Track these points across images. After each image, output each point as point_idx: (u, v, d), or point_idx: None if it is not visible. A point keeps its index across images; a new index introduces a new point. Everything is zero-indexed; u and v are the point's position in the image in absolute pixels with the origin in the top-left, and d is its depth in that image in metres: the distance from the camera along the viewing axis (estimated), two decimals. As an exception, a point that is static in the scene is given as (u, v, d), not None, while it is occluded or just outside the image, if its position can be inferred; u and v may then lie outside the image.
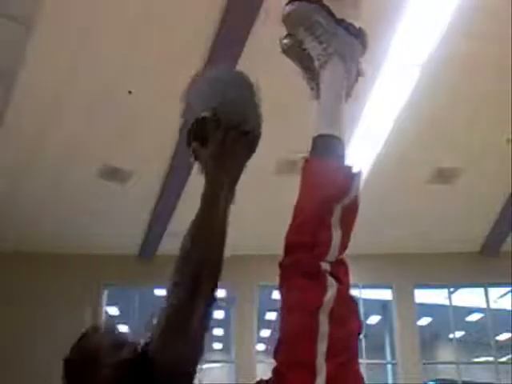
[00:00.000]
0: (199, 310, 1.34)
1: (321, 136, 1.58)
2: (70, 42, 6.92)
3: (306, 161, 1.57)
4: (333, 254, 1.44)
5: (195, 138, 1.47)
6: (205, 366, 11.68)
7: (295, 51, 1.76)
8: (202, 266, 1.34)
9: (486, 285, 11.28)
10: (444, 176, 9.41)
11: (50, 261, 10.35)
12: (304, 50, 1.73)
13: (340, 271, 1.45)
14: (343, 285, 1.42)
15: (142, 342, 1.40)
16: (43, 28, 6.44)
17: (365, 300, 11.36)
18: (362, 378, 1.41)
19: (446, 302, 11.56)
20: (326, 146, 1.57)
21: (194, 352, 1.36)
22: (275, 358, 1.40)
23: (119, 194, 9.35)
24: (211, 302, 1.39)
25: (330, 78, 1.66)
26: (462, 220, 10.13)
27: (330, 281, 1.39)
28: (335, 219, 1.47)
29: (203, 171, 1.45)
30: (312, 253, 1.42)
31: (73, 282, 10.28)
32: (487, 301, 11.32)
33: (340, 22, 1.68)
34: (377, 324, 13.43)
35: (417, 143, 8.64)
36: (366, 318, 12.27)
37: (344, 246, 1.50)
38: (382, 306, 12.53)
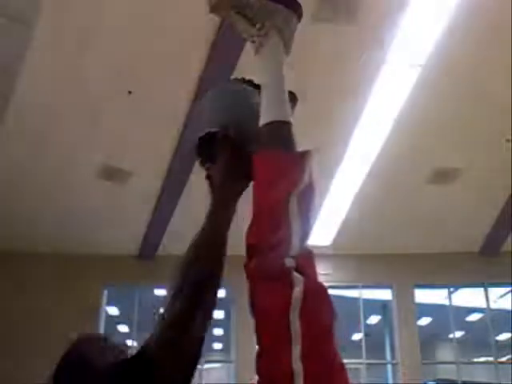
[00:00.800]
0: (198, 320, 1.37)
1: (266, 125, 1.51)
2: (70, 42, 6.92)
3: (255, 157, 1.50)
4: (296, 248, 1.37)
5: (204, 153, 1.53)
6: (205, 366, 11.67)
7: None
8: (203, 280, 1.39)
9: (485, 285, 11.28)
10: (444, 176, 9.41)
11: (50, 261, 10.35)
12: None
13: (305, 263, 1.38)
14: (309, 277, 1.36)
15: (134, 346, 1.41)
16: (43, 28, 6.44)
17: (365, 300, 11.36)
18: (344, 369, 1.37)
19: (446, 302, 11.57)
20: (273, 135, 1.51)
21: (191, 357, 1.39)
22: (256, 368, 1.37)
23: (119, 194, 9.35)
24: (210, 313, 1.43)
25: (267, 59, 1.58)
26: (461, 220, 10.13)
27: (296, 277, 1.33)
28: (293, 210, 1.40)
29: (211, 187, 1.53)
30: (274, 252, 1.37)
31: (73, 281, 10.29)
32: (487, 301, 11.32)
33: None
34: (377, 324, 13.45)
35: (417, 143, 8.64)
36: (366, 318, 12.28)
37: (306, 235, 1.42)
38: (382, 306, 12.53)
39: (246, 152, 1.49)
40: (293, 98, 1.70)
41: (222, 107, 1.56)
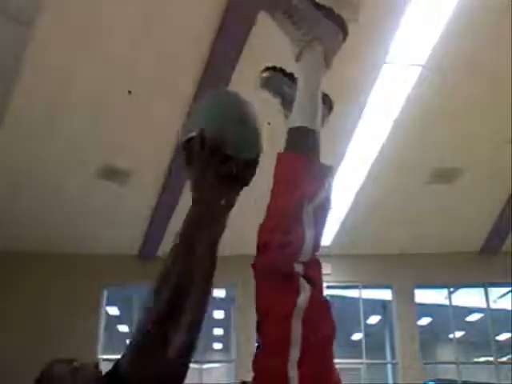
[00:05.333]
0: (175, 339, 1.27)
1: (295, 129, 1.54)
2: (70, 42, 6.92)
3: (279, 156, 1.53)
4: (306, 254, 1.39)
5: (186, 158, 1.43)
6: (205, 366, 11.68)
7: (273, 84, 1.78)
8: (180, 292, 1.29)
9: (485, 285, 11.28)
10: (444, 176, 9.40)
11: (50, 261, 10.35)
12: (282, 82, 1.74)
13: (313, 272, 1.40)
14: (316, 287, 1.38)
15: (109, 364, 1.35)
16: (43, 28, 6.44)
17: (365, 300, 11.36)
18: (339, 381, 1.38)
19: (446, 302, 11.56)
20: (300, 139, 1.54)
21: (170, 373, 1.30)
22: (252, 364, 1.37)
23: (119, 194, 9.34)
24: (195, 325, 1.33)
25: (308, 66, 1.62)
26: (461, 220, 10.13)
27: (303, 284, 1.35)
28: (308, 218, 1.43)
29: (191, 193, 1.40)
30: (285, 252, 1.38)
31: (73, 282, 10.28)
32: (487, 301, 11.32)
33: (319, 8, 1.65)
34: (377, 324, 13.44)
35: (416, 143, 8.64)
36: (366, 318, 12.27)
37: (317, 245, 1.44)
38: (382, 306, 12.53)
39: (226, 159, 1.36)
40: (329, 102, 1.74)
41: (205, 111, 1.46)
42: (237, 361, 10.70)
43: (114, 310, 12.88)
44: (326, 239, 10.33)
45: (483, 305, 11.45)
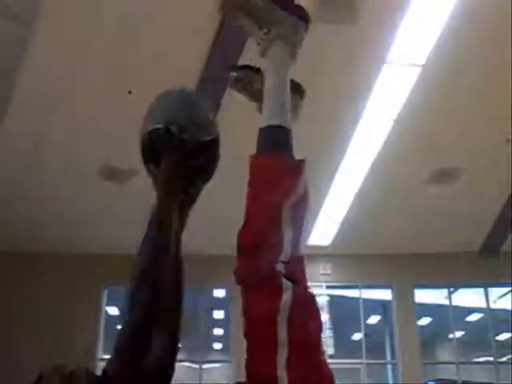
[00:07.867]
0: (158, 337, 1.29)
1: (266, 128, 1.53)
2: (70, 42, 6.92)
3: (252, 158, 1.52)
4: (286, 253, 1.38)
5: (150, 154, 1.51)
6: (205, 366, 11.67)
7: (243, 84, 1.77)
8: (160, 288, 1.32)
9: (485, 285, 11.28)
10: (444, 176, 9.40)
11: (49, 261, 10.35)
12: (250, 82, 1.72)
13: (295, 270, 1.39)
14: (299, 283, 1.37)
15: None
16: (43, 28, 6.43)
17: (365, 300, 11.36)
18: (331, 377, 1.37)
19: (446, 302, 11.57)
20: (271, 139, 1.52)
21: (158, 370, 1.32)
22: (245, 369, 1.37)
23: (119, 194, 9.34)
24: (174, 330, 1.36)
25: (273, 63, 1.61)
26: (461, 220, 10.13)
27: (285, 283, 1.34)
28: (285, 217, 1.41)
29: (156, 190, 1.45)
30: (264, 256, 1.37)
31: (73, 282, 10.29)
32: (487, 301, 11.32)
33: (278, 3, 1.64)
34: (377, 324, 13.44)
35: (416, 143, 8.64)
36: (366, 318, 12.28)
37: (297, 242, 1.43)
38: (382, 306, 12.53)
39: (191, 153, 1.42)
40: (300, 90, 1.72)
41: (167, 105, 1.58)
42: (237, 361, 10.70)
43: (114, 310, 12.88)
44: (326, 239, 10.33)
45: (483, 305, 11.45)
